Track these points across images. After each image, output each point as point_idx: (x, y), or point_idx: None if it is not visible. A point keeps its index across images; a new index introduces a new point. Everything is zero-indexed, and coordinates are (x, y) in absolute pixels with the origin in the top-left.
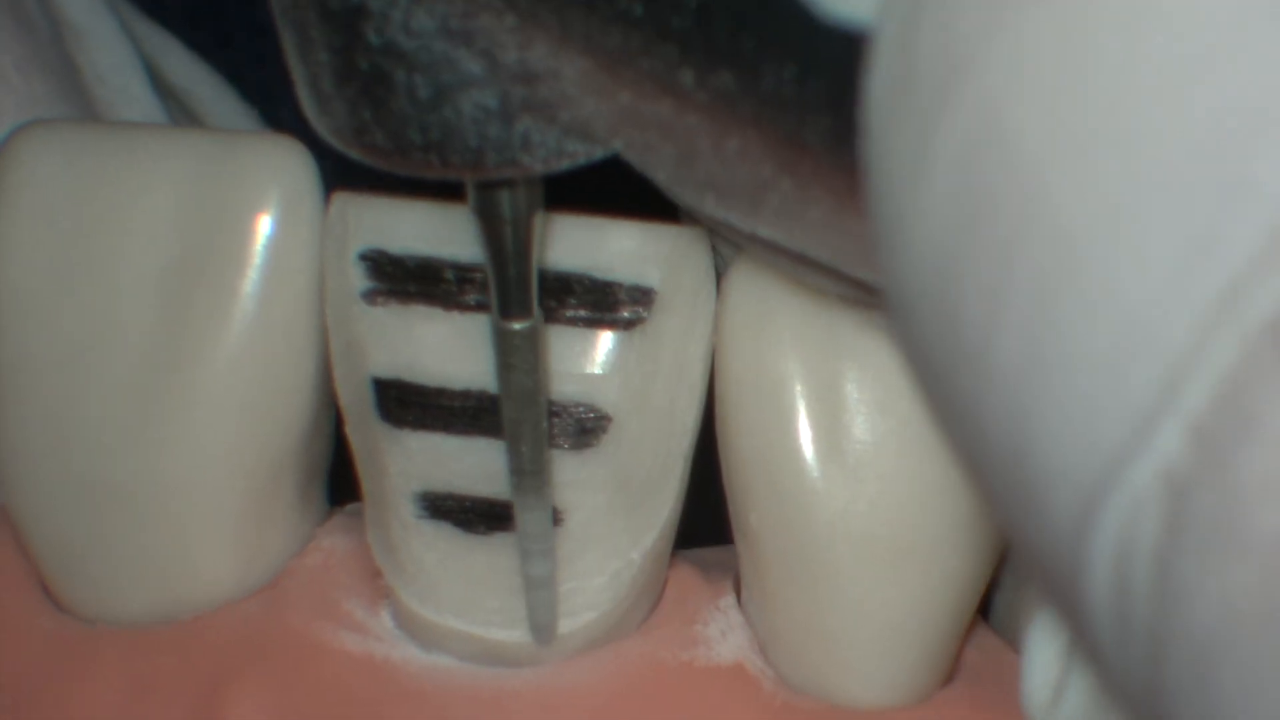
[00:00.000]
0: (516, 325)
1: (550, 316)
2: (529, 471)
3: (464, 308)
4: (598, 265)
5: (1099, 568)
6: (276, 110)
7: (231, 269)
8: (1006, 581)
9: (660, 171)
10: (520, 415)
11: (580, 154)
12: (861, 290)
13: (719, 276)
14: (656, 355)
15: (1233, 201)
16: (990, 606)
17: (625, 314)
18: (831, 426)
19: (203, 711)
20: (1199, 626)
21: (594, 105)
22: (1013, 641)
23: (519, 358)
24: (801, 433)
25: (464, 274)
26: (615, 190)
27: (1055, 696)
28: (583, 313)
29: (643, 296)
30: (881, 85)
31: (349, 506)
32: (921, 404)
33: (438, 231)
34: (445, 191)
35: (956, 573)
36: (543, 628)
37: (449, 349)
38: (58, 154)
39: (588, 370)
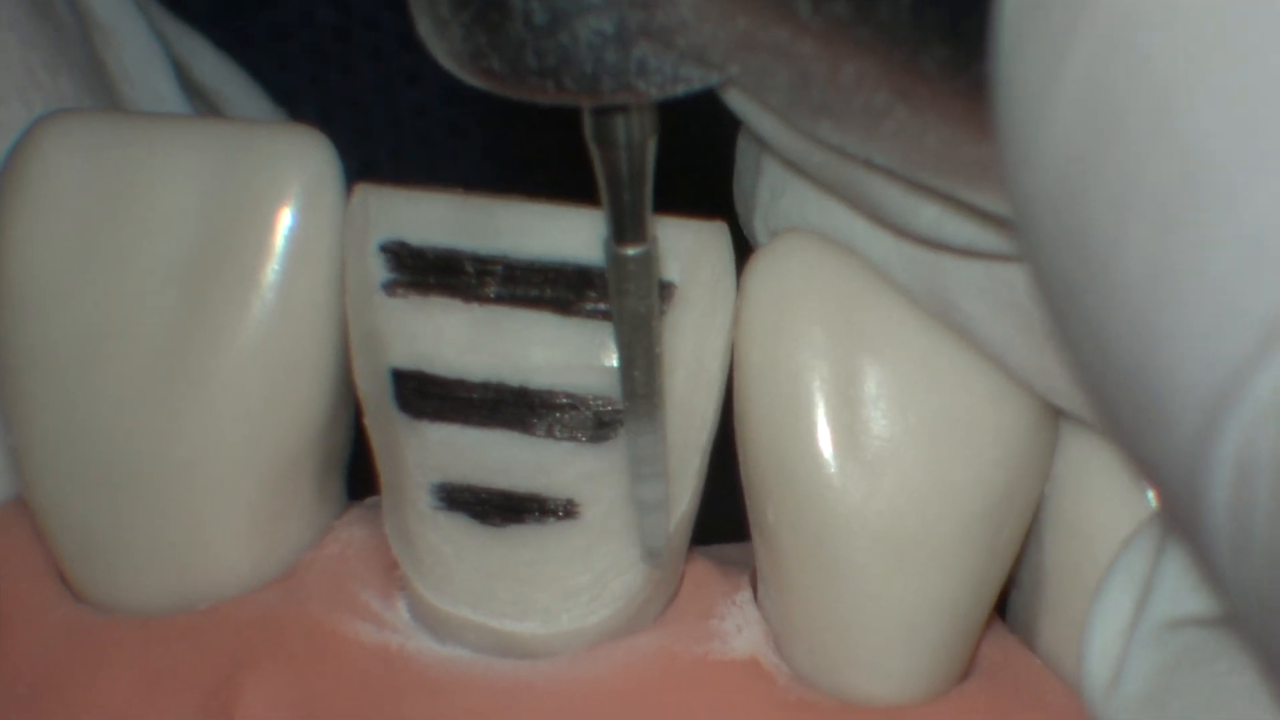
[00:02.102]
0: (631, 250)
1: (569, 309)
2: (641, 395)
3: (483, 300)
4: None
5: (1220, 482)
6: (301, 111)
7: (252, 259)
8: (1024, 580)
9: (774, 97)
10: (633, 339)
11: (695, 80)
12: (963, 221)
13: (739, 271)
14: (675, 348)
15: None
16: (1007, 605)
17: None
18: (849, 422)
19: (217, 700)
20: None
21: (710, 31)
22: (1029, 640)
23: (633, 283)
24: (819, 428)
25: (484, 266)
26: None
27: (1115, 678)
28: (602, 306)
29: (662, 290)
30: (1012, 8)
31: (368, 500)
32: (1048, 323)
33: (458, 223)
34: (467, 185)
35: (972, 570)
36: (655, 551)
37: (468, 340)
38: (79, 143)
39: (607, 363)
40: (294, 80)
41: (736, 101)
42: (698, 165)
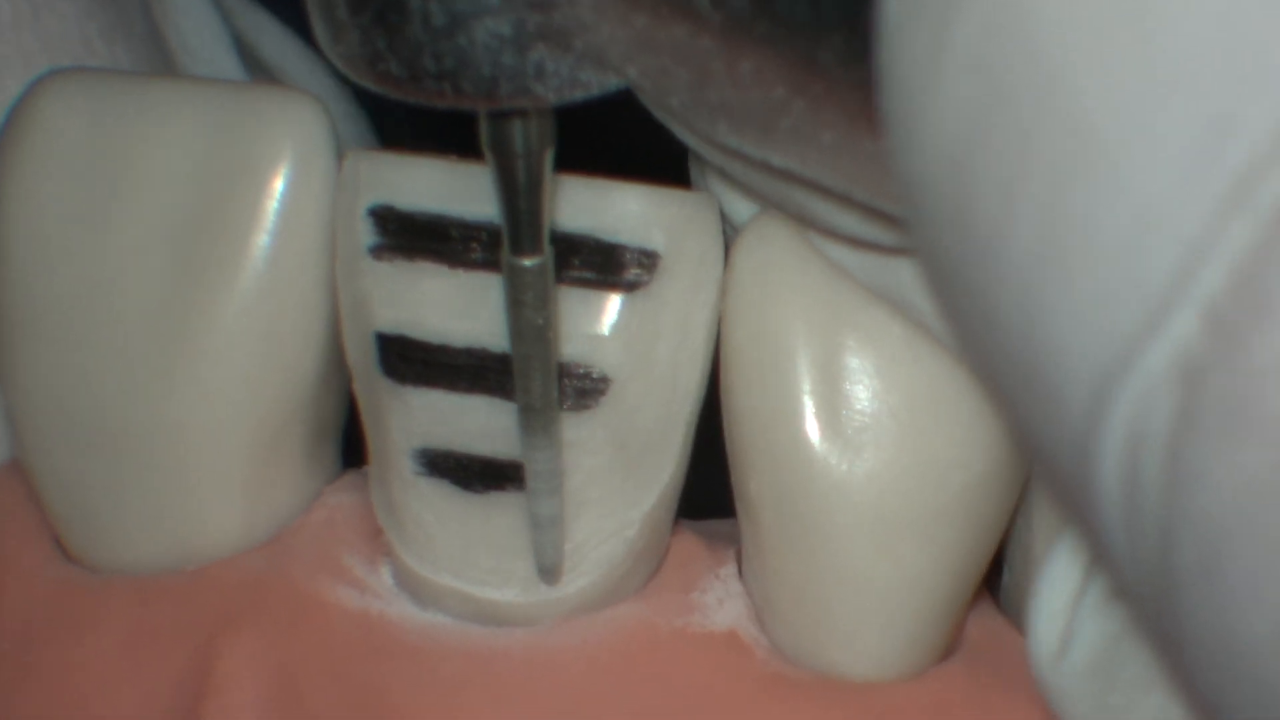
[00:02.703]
0: (527, 262)
1: (555, 277)
2: (538, 409)
3: (469, 265)
4: (603, 227)
5: (1110, 458)
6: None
7: (244, 221)
8: (1014, 561)
9: (674, 98)
10: (530, 351)
11: (593, 84)
12: (872, 219)
13: (728, 243)
14: (659, 319)
15: (1250, 86)
16: (1000, 586)
17: (629, 276)
18: (833, 397)
19: (199, 661)
20: (1209, 512)
21: (609, 31)
22: (1018, 620)
23: (529, 294)
24: (803, 402)
25: (470, 232)
26: (624, 154)
27: (1062, 647)
28: (587, 274)
29: (647, 259)
30: None
31: (364, 468)
32: (937, 308)
33: (447, 189)
34: (461, 149)
35: (954, 548)
36: (549, 569)
37: (453, 306)
38: (77, 103)
39: (589, 331)
40: None
41: (653, 109)
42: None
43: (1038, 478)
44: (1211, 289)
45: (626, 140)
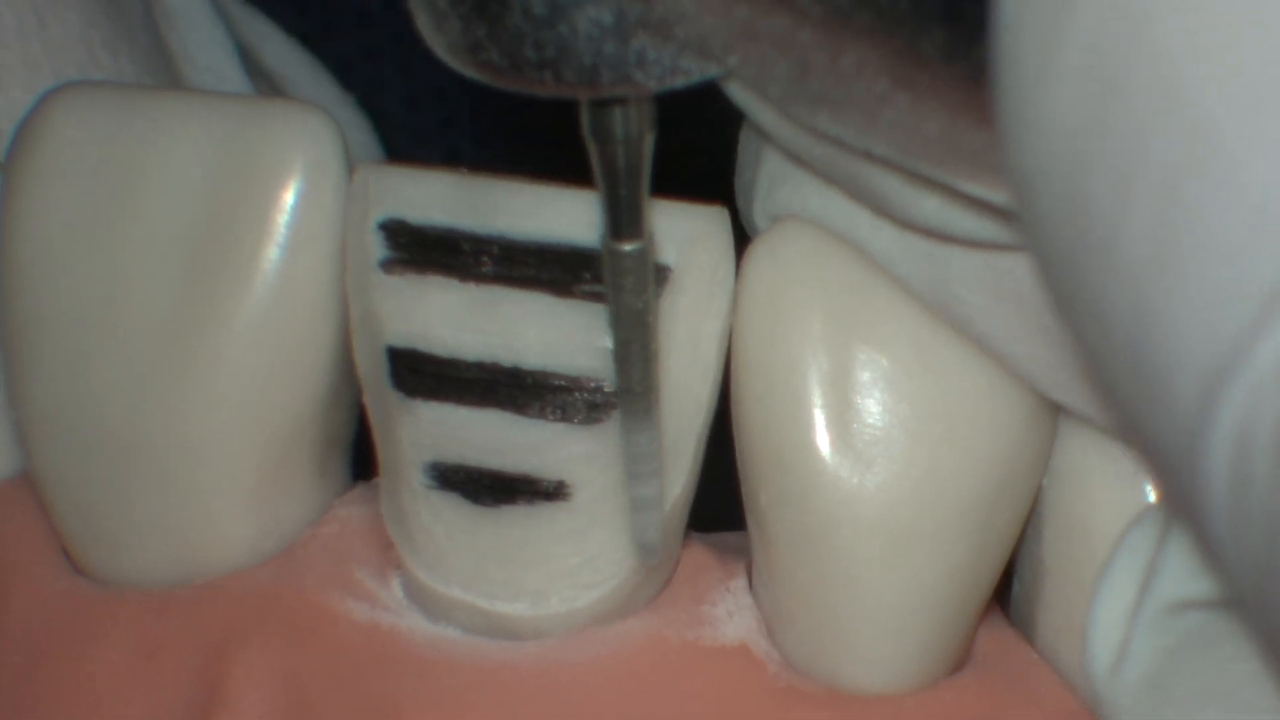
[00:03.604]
0: (627, 247)
1: (564, 291)
2: (638, 392)
3: (480, 279)
4: None
5: (1218, 455)
6: (378, 97)
7: (254, 235)
8: (1024, 573)
9: (774, 87)
10: (629, 336)
11: (694, 72)
12: (951, 208)
13: (738, 257)
14: (671, 333)
15: None
16: (1009, 598)
17: None
18: (843, 410)
19: (209, 674)
20: None
21: (710, 21)
22: (1028, 632)
23: (629, 279)
24: (813, 415)
25: (481, 245)
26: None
27: (1117, 662)
28: (598, 287)
29: (658, 274)
30: None
31: (374, 480)
32: (1048, 301)
33: (457, 203)
34: (464, 156)
35: (964, 561)
36: (649, 548)
37: (463, 320)
38: (87, 116)
39: (600, 345)
40: (374, 69)
41: (737, 94)
42: (700, 152)
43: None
44: None
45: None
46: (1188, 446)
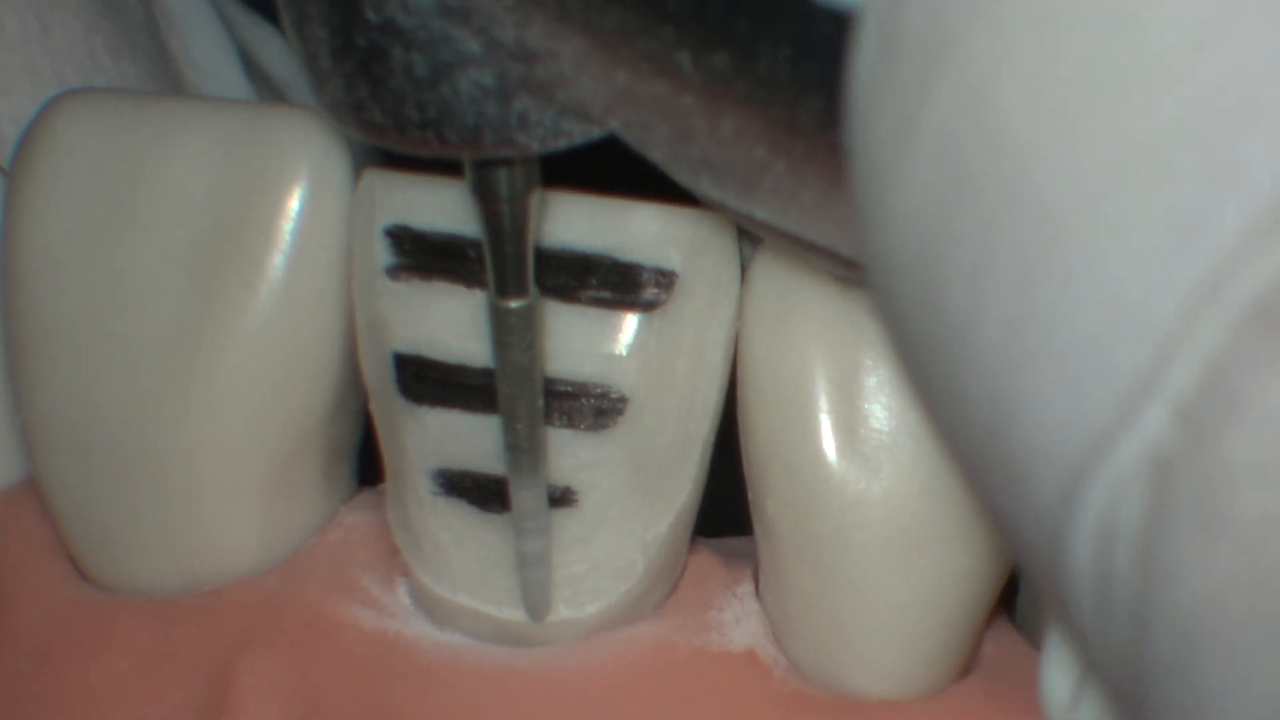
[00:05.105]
0: (513, 304)
1: (571, 297)
2: (525, 449)
3: (485, 285)
4: (620, 247)
5: (1081, 549)
6: None
7: (259, 241)
8: (1030, 578)
9: (656, 151)
10: (516, 392)
11: (576, 133)
12: (856, 271)
13: (745, 262)
14: (676, 338)
15: (1219, 184)
16: (1015, 605)
17: (646, 296)
18: (850, 415)
19: (216, 682)
20: (1181, 608)
21: (591, 85)
22: (1034, 639)
23: (515, 336)
24: (820, 420)
25: None
26: (639, 173)
27: (1075, 696)
28: (604, 294)
29: (664, 279)
30: (866, 65)
31: (379, 487)
32: (903, 384)
33: (463, 208)
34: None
35: (970, 566)
36: (536, 606)
37: (469, 326)
38: (92, 123)
39: (607, 351)
40: None
41: None
42: None
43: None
44: (1181, 386)
45: (642, 159)
46: (1050, 539)
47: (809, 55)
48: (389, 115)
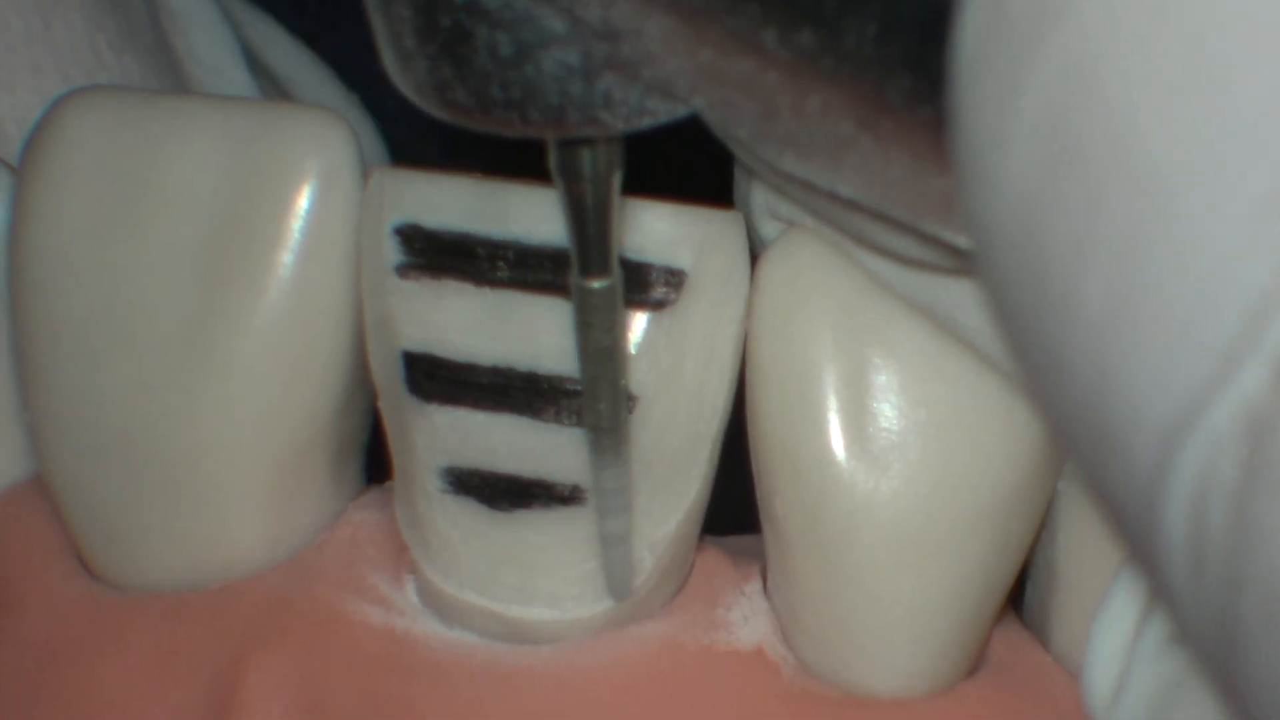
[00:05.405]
0: (595, 284)
1: None
2: (607, 429)
3: (495, 284)
4: (630, 245)
5: (1176, 509)
6: (379, 95)
7: (269, 240)
8: (1038, 577)
9: (740, 129)
10: (598, 372)
11: (661, 112)
12: (937, 249)
13: (754, 261)
14: (685, 337)
15: None
16: (1023, 602)
17: (656, 295)
18: (859, 414)
19: (224, 679)
20: (1275, 568)
21: (676, 63)
22: (1043, 637)
23: (597, 316)
24: (828, 419)
25: (496, 250)
26: (650, 172)
27: (1117, 692)
28: None
29: (674, 278)
30: (971, 33)
31: (387, 484)
32: (1006, 352)
33: (473, 207)
34: (473, 161)
35: (980, 565)
36: (618, 585)
37: (479, 325)
38: (100, 121)
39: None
40: (374, 66)
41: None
42: (712, 155)
43: (1080, 504)
44: (1278, 344)
45: (652, 158)
46: (1146, 500)
47: (895, 31)
48: (473, 95)
